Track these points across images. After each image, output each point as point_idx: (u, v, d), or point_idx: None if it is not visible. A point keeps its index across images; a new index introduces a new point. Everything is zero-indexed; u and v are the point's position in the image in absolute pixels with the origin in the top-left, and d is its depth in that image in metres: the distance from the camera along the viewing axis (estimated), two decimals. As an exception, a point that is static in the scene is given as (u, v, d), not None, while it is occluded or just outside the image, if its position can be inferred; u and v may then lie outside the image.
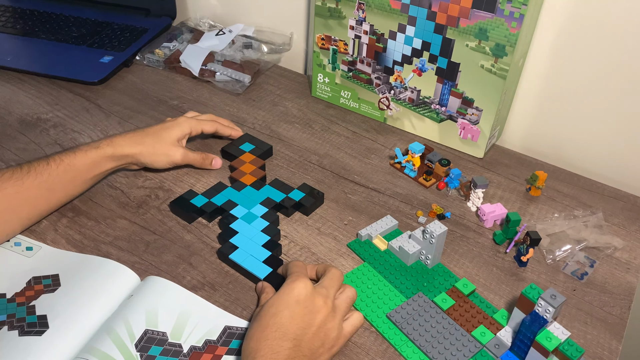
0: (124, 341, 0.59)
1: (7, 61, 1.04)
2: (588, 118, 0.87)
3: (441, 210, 0.77)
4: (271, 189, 0.79)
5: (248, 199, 0.77)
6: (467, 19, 0.78)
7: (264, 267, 0.68)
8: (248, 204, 0.76)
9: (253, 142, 0.87)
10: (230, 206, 0.76)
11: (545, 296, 0.55)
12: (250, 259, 0.68)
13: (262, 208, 0.76)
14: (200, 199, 0.76)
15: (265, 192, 0.79)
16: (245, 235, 0.72)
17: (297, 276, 0.59)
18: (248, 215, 0.75)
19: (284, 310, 0.55)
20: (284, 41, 1.10)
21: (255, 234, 0.72)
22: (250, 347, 0.53)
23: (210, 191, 0.78)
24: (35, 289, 0.65)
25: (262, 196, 0.78)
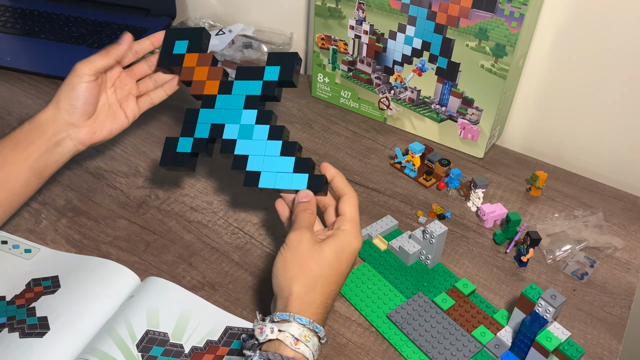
0: (125, 342, 0.59)
1: (7, 61, 1.04)
2: (588, 118, 0.87)
3: (441, 210, 0.77)
4: (243, 83, 0.67)
5: (229, 112, 0.66)
6: (467, 19, 0.78)
7: (300, 177, 0.61)
8: (233, 117, 0.66)
9: (183, 37, 0.71)
10: (219, 131, 0.66)
11: (546, 296, 0.55)
12: (280, 176, 0.61)
13: (250, 113, 0.65)
14: (184, 142, 0.67)
15: (239, 90, 0.67)
16: (256, 154, 0.63)
17: (359, 232, 0.57)
18: (242, 130, 0.65)
19: (344, 269, 0.56)
20: (284, 41, 1.10)
21: (265, 145, 0.64)
22: (312, 297, 0.52)
23: (187, 127, 0.67)
24: (35, 290, 0.65)
25: (239, 99, 0.66)
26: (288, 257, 0.55)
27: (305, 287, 0.53)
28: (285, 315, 0.50)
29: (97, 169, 0.83)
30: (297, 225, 0.57)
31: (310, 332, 0.50)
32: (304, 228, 0.56)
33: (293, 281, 0.53)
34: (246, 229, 0.75)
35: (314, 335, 0.50)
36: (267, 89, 0.66)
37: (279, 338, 0.48)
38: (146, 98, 0.74)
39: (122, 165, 0.84)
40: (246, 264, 0.70)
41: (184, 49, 0.70)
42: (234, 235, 0.74)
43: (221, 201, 0.79)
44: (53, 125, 0.67)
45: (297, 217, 0.58)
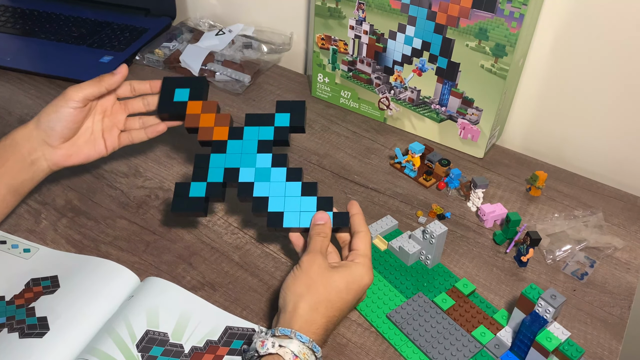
0: (125, 342, 0.59)
1: (7, 61, 1.04)
2: (588, 118, 0.87)
3: (441, 210, 0.77)
4: (254, 129, 0.68)
5: (243, 156, 0.67)
6: (467, 19, 0.78)
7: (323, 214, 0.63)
8: (248, 161, 0.66)
9: (183, 85, 0.72)
10: (233, 175, 0.65)
11: (546, 296, 0.55)
12: (304, 215, 0.62)
13: (265, 157, 0.66)
14: (197, 187, 0.65)
15: (251, 135, 0.68)
16: (277, 195, 0.64)
17: (370, 268, 0.59)
18: (259, 173, 0.65)
19: (351, 300, 0.57)
20: (283, 41, 1.10)
21: (284, 187, 0.64)
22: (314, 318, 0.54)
23: (198, 172, 0.66)
24: (35, 290, 0.65)
25: (252, 144, 0.67)
26: (298, 275, 0.56)
27: (310, 307, 0.54)
28: (287, 331, 0.52)
29: (97, 169, 0.83)
30: (310, 248, 0.58)
31: (309, 351, 0.51)
32: (317, 252, 0.58)
33: (300, 298, 0.54)
34: (246, 229, 0.75)
35: (312, 354, 0.51)
36: (280, 134, 0.68)
37: (279, 353, 0.50)
38: (128, 135, 0.74)
39: (122, 165, 0.84)
40: (246, 264, 0.70)
41: (186, 97, 0.71)
42: (234, 235, 0.74)
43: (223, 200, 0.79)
44: (29, 143, 0.66)
45: (311, 240, 0.60)
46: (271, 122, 0.68)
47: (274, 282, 0.68)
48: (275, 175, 0.65)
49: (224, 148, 0.67)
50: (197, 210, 0.64)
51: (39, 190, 0.79)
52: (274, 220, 0.63)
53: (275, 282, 0.68)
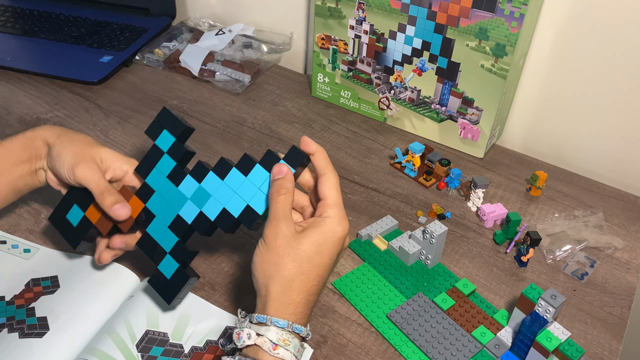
0: (125, 342, 0.59)
1: (6, 61, 1.04)
2: (588, 118, 0.87)
3: (441, 210, 0.77)
4: (155, 173, 0.60)
5: (170, 202, 0.60)
6: (467, 19, 0.78)
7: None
8: (178, 201, 0.59)
9: (69, 203, 0.63)
10: (181, 224, 0.59)
11: (546, 296, 0.55)
12: (264, 187, 0.55)
13: (187, 182, 0.59)
14: (167, 265, 0.59)
15: (157, 179, 0.60)
16: (229, 198, 0.57)
17: (343, 217, 0.53)
18: (197, 198, 0.58)
19: (327, 260, 0.51)
20: (283, 41, 1.10)
21: (226, 186, 0.57)
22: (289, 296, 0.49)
23: (154, 254, 0.60)
24: (35, 290, 0.65)
25: (166, 186, 0.60)
26: (264, 254, 0.51)
27: (282, 287, 0.49)
28: (262, 318, 0.48)
29: (97, 169, 0.83)
30: (271, 216, 0.52)
31: (290, 335, 0.48)
32: (279, 219, 0.51)
33: (270, 280, 0.50)
34: (246, 229, 0.75)
35: (295, 336, 0.48)
36: (177, 152, 0.60)
37: (257, 343, 0.47)
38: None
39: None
40: (246, 264, 0.70)
41: (80, 213, 0.62)
42: (234, 235, 0.74)
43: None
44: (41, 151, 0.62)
45: (271, 203, 0.53)
46: (159, 152, 0.60)
47: (274, 282, 0.68)
48: (210, 185, 0.58)
49: (150, 214, 0.60)
50: (186, 281, 0.58)
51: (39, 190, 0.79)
52: (248, 218, 0.56)
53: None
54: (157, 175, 0.60)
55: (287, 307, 0.49)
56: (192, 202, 0.58)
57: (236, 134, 0.92)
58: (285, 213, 0.52)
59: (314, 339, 0.62)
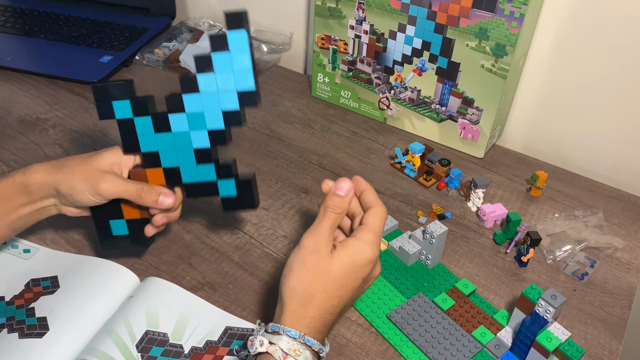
0: (125, 342, 0.59)
1: (6, 61, 1.04)
2: (588, 118, 0.87)
3: (441, 211, 0.77)
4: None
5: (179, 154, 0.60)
6: (467, 19, 0.78)
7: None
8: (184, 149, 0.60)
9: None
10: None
11: (546, 296, 0.55)
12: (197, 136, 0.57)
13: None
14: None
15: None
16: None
17: (375, 243, 0.52)
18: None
19: (350, 284, 0.51)
20: (284, 41, 1.10)
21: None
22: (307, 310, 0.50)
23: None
24: (34, 291, 0.65)
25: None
26: (295, 265, 0.51)
27: (302, 301, 0.50)
28: (276, 327, 0.49)
29: (97, 169, 0.83)
30: (315, 228, 0.52)
31: (302, 346, 0.48)
32: (321, 236, 0.52)
33: (293, 292, 0.50)
34: (246, 229, 0.75)
35: (306, 348, 0.48)
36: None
37: (269, 351, 0.47)
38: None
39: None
40: (246, 264, 0.70)
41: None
42: (234, 235, 0.74)
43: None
44: (43, 193, 0.59)
45: (322, 213, 0.53)
46: (127, 121, 0.59)
47: (274, 283, 0.68)
48: (194, 106, 0.58)
49: (175, 170, 0.61)
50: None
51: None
52: (249, 100, 0.57)
53: (275, 283, 0.68)
54: (146, 139, 0.60)
55: (302, 320, 0.49)
56: (194, 130, 0.58)
57: (236, 134, 0.91)
58: (330, 231, 0.52)
59: (314, 339, 0.62)
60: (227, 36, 0.54)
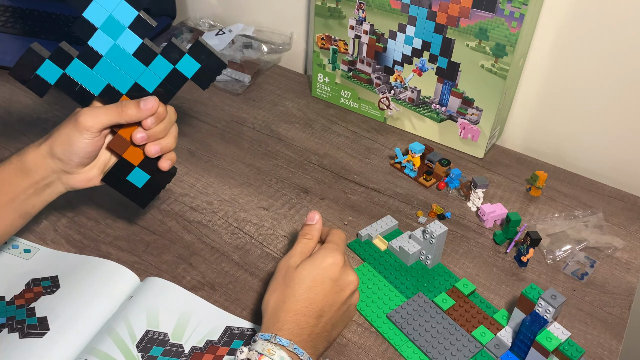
0: (125, 342, 0.59)
1: (6, 61, 1.04)
2: (588, 118, 0.87)
3: (441, 210, 0.77)
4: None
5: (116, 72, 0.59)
6: (467, 19, 0.78)
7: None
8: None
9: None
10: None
11: (546, 296, 0.55)
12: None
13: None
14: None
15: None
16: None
17: (335, 249, 0.57)
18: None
19: (318, 286, 0.55)
20: (284, 41, 1.10)
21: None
22: (278, 315, 0.54)
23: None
24: (35, 290, 0.65)
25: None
26: (270, 285, 0.57)
27: (274, 309, 0.55)
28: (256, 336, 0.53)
29: (97, 169, 0.83)
30: (289, 252, 0.59)
31: (275, 346, 0.51)
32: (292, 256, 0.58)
33: (266, 305, 0.56)
34: (246, 229, 0.75)
35: (280, 348, 0.51)
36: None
37: (248, 357, 0.51)
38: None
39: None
40: (246, 264, 0.70)
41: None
42: (234, 235, 0.74)
43: (221, 201, 0.79)
44: (42, 170, 0.59)
45: (296, 243, 0.60)
46: (66, 62, 0.61)
47: (274, 282, 0.68)
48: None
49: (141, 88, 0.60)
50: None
51: (39, 190, 0.79)
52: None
53: (275, 282, 0.68)
54: (89, 81, 0.59)
55: (275, 324, 0.53)
56: (118, 37, 0.58)
57: (236, 134, 0.92)
58: (300, 253, 0.59)
59: (314, 339, 0.62)
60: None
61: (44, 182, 0.59)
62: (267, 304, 0.56)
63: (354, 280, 0.57)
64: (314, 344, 0.54)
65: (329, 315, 0.55)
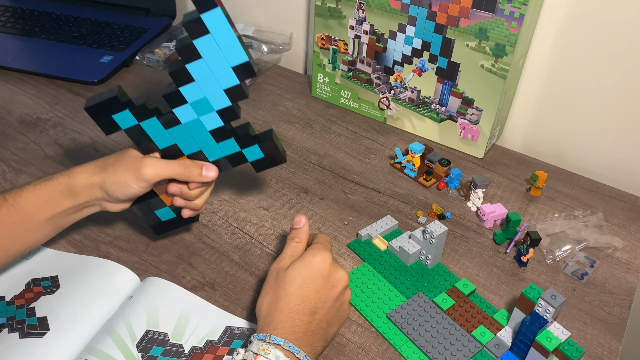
0: (125, 342, 0.59)
1: (7, 61, 1.04)
2: (588, 118, 0.87)
3: (441, 210, 0.77)
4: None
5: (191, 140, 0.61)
6: (467, 19, 0.78)
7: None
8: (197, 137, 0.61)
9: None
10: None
11: (546, 296, 0.55)
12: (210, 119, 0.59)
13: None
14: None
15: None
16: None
17: (322, 248, 0.59)
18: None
19: (309, 283, 0.56)
20: (284, 41, 1.10)
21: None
22: (272, 315, 0.54)
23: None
24: (35, 290, 0.65)
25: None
26: (263, 288, 0.58)
27: (267, 310, 0.55)
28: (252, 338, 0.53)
29: (97, 169, 0.83)
30: (279, 256, 0.60)
31: (270, 345, 0.51)
32: (282, 259, 0.59)
33: (260, 307, 0.57)
34: (246, 229, 0.75)
35: (276, 347, 0.51)
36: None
37: (245, 358, 0.51)
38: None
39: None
40: (246, 264, 0.70)
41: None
42: (234, 235, 0.74)
43: (221, 201, 0.79)
44: (88, 196, 0.60)
45: (285, 246, 0.61)
46: (135, 126, 0.60)
47: (274, 282, 0.68)
48: (194, 94, 0.58)
49: (198, 152, 0.63)
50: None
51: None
52: (247, 71, 0.56)
53: (275, 282, 0.68)
54: (159, 137, 0.60)
55: (270, 324, 0.54)
56: (203, 115, 0.59)
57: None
58: (289, 256, 0.60)
59: (314, 339, 0.62)
60: (203, 19, 0.52)
61: (87, 204, 0.62)
62: (260, 307, 0.56)
63: (344, 276, 0.58)
64: (310, 341, 0.54)
65: (322, 311, 0.56)
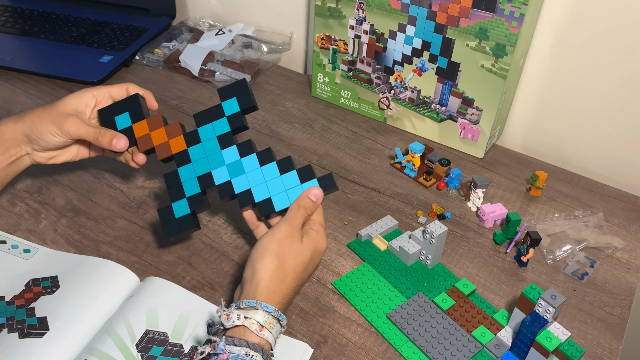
0: (125, 342, 0.59)
1: (6, 61, 1.04)
2: (588, 118, 0.87)
3: (441, 210, 0.77)
4: (208, 128, 0.66)
5: (209, 158, 0.65)
6: (467, 19, 0.78)
7: (310, 184, 0.62)
8: (216, 162, 0.65)
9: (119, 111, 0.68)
10: (209, 180, 0.64)
11: (546, 296, 0.55)
12: (290, 192, 0.62)
13: (230, 151, 0.65)
14: (180, 206, 0.64)
15: (207, 135, 0.66)
16: (257, 184, 0.63)
17: (324, 232, 0.61)
18: (232, 168, 0.64)
19: (310, 269, 0.59)
20: (283, 41, 1.10)
21: (261, 173, 0.63)
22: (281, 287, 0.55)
23: (173, 191, 0.65)
24: (34, 291, 0.65)
25: (212, 143, 0.65)
26: (271, 245, 0.56)
27: (277, 278, 0.55)
28: (252, 303, 0.52)
29: (97, 168, 0.83)
30: (291, 219, 0.59)
31: (275, 320, 0.52)
32: (294, 226, 0.58)
33: (269, 269, 0.55)
34: (246, 229, 0.75)
35: (277, 322, 0.53)
36: (235, 122, 0.65)
37: (245, 324, 0.51)
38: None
39: (122, 165, 0.84)
40: (246, 264, 0.70)
41: (128, 121, 0.67)
42: (234, 235, 0.74)
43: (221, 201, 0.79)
44: (16, 144, 0.65)
45: (295, 211, 0.60)
46: (221, 113, 0.66)
47: (274, 282, 0.68)
48: (248, 165, 0.64)
49: (187, 158, 0.65)
50: (190, 227, 0.64)
51: (38, 190, 0.79)
52: (265, 208, 0.62)
53: (275, 282, 0.68)
54: (209, 130, 0.66)
55: (276, 297, 0.54)
56: (227, 168, 0.64)
57: (236, 134, 0.92)
58: (301, 224, 0.60)
59: (314, 339, 0.62)
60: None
61: (16, 155, 0.65)
62: (269, 268, 0.55)
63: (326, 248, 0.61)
64: (285, 303, 0.56)
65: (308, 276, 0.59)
